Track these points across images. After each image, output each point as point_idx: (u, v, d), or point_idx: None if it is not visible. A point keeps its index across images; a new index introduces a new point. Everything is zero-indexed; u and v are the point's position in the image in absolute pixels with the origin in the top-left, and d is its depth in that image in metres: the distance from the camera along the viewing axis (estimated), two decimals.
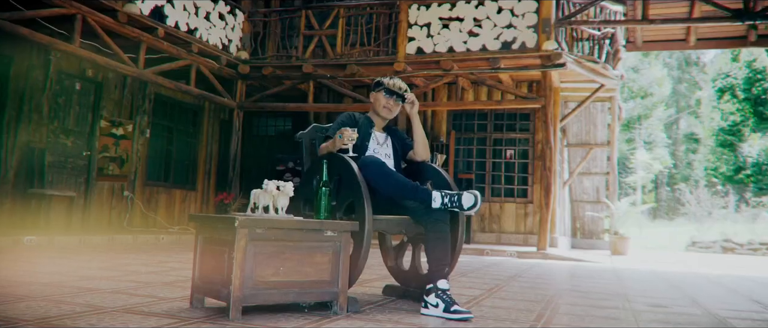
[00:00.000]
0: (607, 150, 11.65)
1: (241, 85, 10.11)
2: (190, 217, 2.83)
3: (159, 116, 9.90)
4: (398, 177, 2.98)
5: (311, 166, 3.30)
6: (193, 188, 10.71)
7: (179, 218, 10.23)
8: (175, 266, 4.63)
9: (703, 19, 7.96)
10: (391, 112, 3.40)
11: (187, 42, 8.61)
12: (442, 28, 9.06)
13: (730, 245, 13.04)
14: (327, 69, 9.66)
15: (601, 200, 12.03)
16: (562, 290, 4.25)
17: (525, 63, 8.70)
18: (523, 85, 10.30)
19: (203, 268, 2.70)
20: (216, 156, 11.21)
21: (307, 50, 9.76)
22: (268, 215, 2.65)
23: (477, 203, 2.89)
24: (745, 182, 26.01)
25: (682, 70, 35.63)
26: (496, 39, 8.77)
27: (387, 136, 3.46)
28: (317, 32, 9.77)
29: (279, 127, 12.23)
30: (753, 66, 25.49)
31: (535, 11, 8.59)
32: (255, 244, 2.50)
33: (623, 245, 10.38)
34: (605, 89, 9.97)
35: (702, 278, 5.98)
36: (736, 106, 25.98)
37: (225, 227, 2.54)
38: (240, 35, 9.90)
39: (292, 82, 10.01)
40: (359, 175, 2.89)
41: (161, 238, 7.86)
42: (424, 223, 3.04)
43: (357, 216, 2.87)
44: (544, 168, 8.54)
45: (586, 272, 6.12)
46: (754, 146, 25.97)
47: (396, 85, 3.40)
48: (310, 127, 3.48)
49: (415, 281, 3.35)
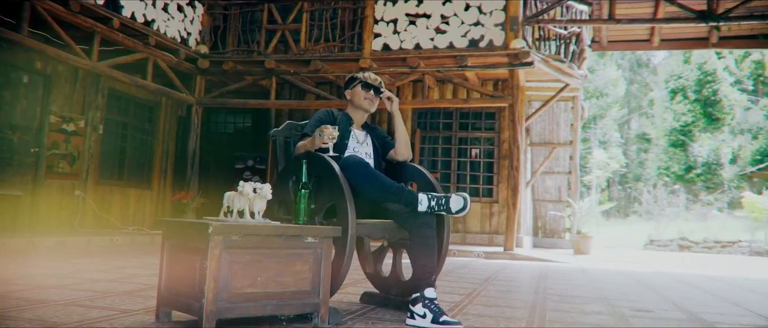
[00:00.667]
0: (569, 149, 11.70)
1: (200, 81, 9.75)
2: (156, 221, 2.58)
3: (113, 112, 9.45)
4: (383, 179, 2.79)
5: (286, 166, 3.08)
6: (149, 187, 10.29)
7: (134, 218, 9.80)
8: (135, 271, 4.33)
9: (669, 20, 8.01)
10: (373, 104, 3.24)
11: (143, 34, 8.22)
12: (408, 25, 8.90)
13: (686, 243, 13.30)
14: (290, 65, 9.39)
15: (562, 199, 12.09)
16: (542, 294, 4.13)
17: (492, 61, 8.61)
18: (488, 83, 10.22)
19: (171, 278, 2.45)
20: (173, 154, 10.80)
21: (270, 45, 9.47)
22: (244, 220, 2.42)
23: (466, 206, 2.72)
24: (695, 181, 26.75)
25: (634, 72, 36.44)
26: (463, 36, 8.66)
27: (367, 135, 3.28)
28: (280, 27, 9.49)
29: (238, 124, 11.89)
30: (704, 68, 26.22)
31: (503, 9, 8.51)
32: (230, 252, 2.28)
33: (586, 245, 10.42)
34: (569, 89, 9.99)
35: (672, 279, 5.97)
36: (687, 107, 26.68)
37: (197, 233, 2.31)
38: (199, 28, 9.54)
39: (254, 78, 9.69)
40: (341, 176, 2.69)
41: (116, 239, 7.47)
42: (408, 227, 2.86)
43: (339, 220, 2.67)
44: (512, 167, 8.47)
45: (558, 274, 6.05)
46: (704, 146, 26.73)
47: (372, 78, 3.25)
48: (284, 125, 3.26)
49: (397, 288, 3.17)
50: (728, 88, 26.63)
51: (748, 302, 4.23)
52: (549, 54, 8.83)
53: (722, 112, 26.60)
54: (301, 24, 9.36)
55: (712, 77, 26.10)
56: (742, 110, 27.86)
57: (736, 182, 27.29)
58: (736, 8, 7.73)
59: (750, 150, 27.47)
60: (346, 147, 3.12)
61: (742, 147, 27.76)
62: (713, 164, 26.44)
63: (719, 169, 26.53)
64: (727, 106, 26.57)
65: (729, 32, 7.86)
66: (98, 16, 7.52)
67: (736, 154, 27.48)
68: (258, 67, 9.50)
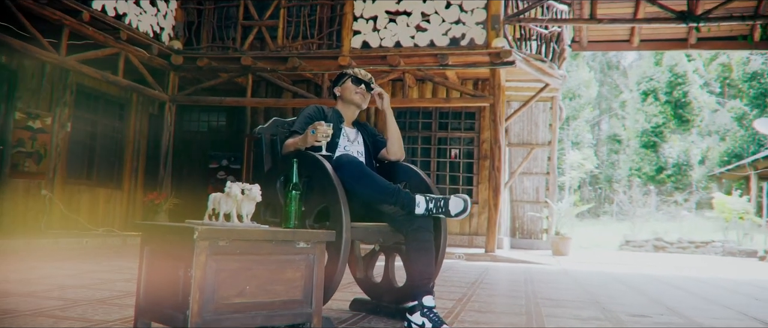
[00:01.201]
0: (547, 150, 11.67)
1: (173, 77, 9.46)
2: (135, 225, 2.38)
3: (82, 109, 9.10)
4: (378, 179, 2.63)
5: (274, 165, 2.90)
6: (119, 187, 9.96)
7: (104, 219, 9.48)
8: (107, 277, 4.10)
9: (649, 20, 8.00)
10: (364, 99, 3.10)
11: (114, 28, 7.92)
12: (388, 22, 8.75)
13: (661, 244, 13.40)
14: (267, 62, 9.17)
15: (540, 200, 12.06)
16: (533, 299, 4.01)
17: (474, 60, 8.51)
18: (468, 82, 10.13)
19: (151, 287, 2.26)
20: (144, 153, 10.48)
21: (246, 42, 9.23)
22: (232, 224, 2.24)
23: (467, 208, 2.58)
24: (665, 181, 27.13)
25: (605, 74, 36.88)
26: (444, 35, 8.54)
27: (357, 132, 3.12)
28: (257, 23, 9.25)
29: (212, 122, 11.60)
30: (674, 70, 26.60)
31: (484, 7, 8.42)
32: (217, 259, 2.10)
33: (565, 246, 10.40)
34: (549, 89, 9.95)
35: (657, 281, 5.93)
36: (658, 108, 27.04)
37: (180, 238, 2.12)
38: (173, 23, 9.25)
39: (230, 75, 9.44)
40: (334, 176, 2.53)
41: (85, 241, 7.17)
42: (404, 231, 2.70)
43: (332, 224, 2.50)
44: (493, 168, 8.38)
45: (543, 277, 5.96)
46: (675, 147, 27.12)
47: (362, 73, 3.11)
48: (270, 121, 3.08)
49: (389, 295, 3.01)
50: (698, 90, 27.06)
51: (738, 304, 4.18)
52: (530, 53, 8.76)
53: (692, 114, 27.03)
54: (279, 20, 9.14)
55: (683, 79, 26.50)
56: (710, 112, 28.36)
57: (703, 183, 27.77)
58: (716, 9, 7.75)
59: (718, 151, 27.98)
60: (337, 145, 2.96)
61: (710, 148, 28.27)
62: (683, 165, 26.84)
63: (689, 170, 26.95)
64: (696, 108, 27.00)
65: (708, 33, 7.89)
66: (67, 8, 7.21)
67: (705, 155, 27.97)
68: (234, 64, 9.25)
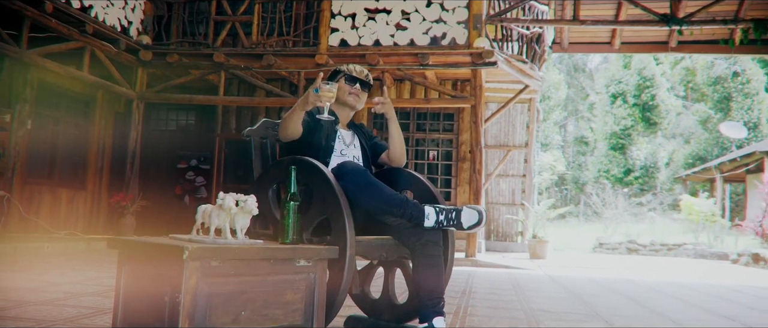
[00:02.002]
0: (524, 152, 11.57)
1: (142, 74, 9.05)
2: (110, 242, 2.09)
3: (43, 105, 8.62)
4: (384, 189, 2.38)
5: (265, 172, 2.63)
6: (83, 188, 9.50)
7: (66, 222, 9.02)
8: (73, 290, 3.76)
9: (633, 22, 7.93)
10: (359, 99, 2.83)
11: (80, 21, 7.50)
12: (367, 20, 8.51)
13: (634, 246, 13.42)
14: (240, 59, 8.83)
15: (516, 202, 11.95)
16: (530, 311, 3.81)
17: (455, 60, 8.32)
18: (447, 83, 9.94)
19: (130, 313, 1.98)
20: (109, 152, 10.01)
21: (219, 38, 8.89)
22: (225, 241, 1.97)
23: (481, 221, 2.35)
24: (633, 183, 27.45)
25: (571, 76, 37.25)
26: (425, 34, 8.33)
27: (353, 135, 2.87)
28: (230, 18, 8.91)
29: (181, 121, 11.16)
30: (643, 73, 26.93)
31: (466, 6, 8.23)
32: (209, 282, 1.83)
33: (542, 249, 10.29)
34: (528, 91, 9.81)
35: (647, 288, 5.80)
36: (627, 111, 27.34)
37: (166, 257, 1.84)
38: (141, 17, 8.85)
39: (201, 73, 9.07)
40: (336, 185, 2.27)
41: (46, 246, 6.75)
42: (411, 245, 2.47)
43: (334, 238, 2.25)
44: (474, 170, 8.20)
45: (530, 284, 5.78)
46: (642, 150, 27.47)
47: (358, 71, 2.84)
48: (260, 123, 2.81)
49: (389, 313, 2.77)
50: (665, 93, 27.45)
51: (742, 316, 4.04)
52: (511, 54, 8.61)
53: (659, 117, 27.40)
54: (253, 16, 8.82)
55: (651, 82, 26.84)
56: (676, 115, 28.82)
57: (668, 185, 28.20)
58: (699, 12, 7.70)
59: (683, 154, 28.45)
60: (333, 149, 2.71)
61: (675, 151, 28.73)
62: (650, 167, 27.20)
63: (656, 172, 27.31)
64: (663, 111, 27.38)
65: (691, 37, 7.85)
66: None
67: (671, 157, 28.40)
68: (205, 61, 8.89)
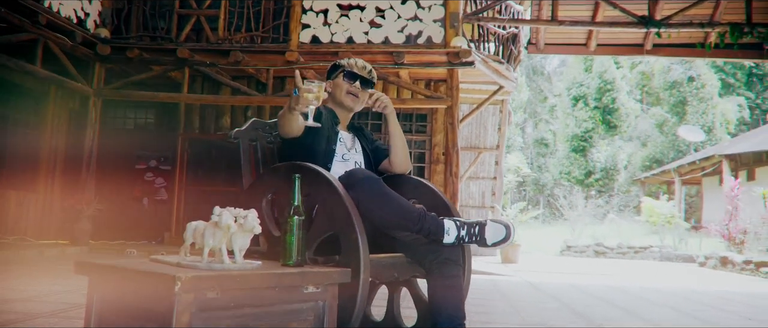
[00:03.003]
0: (495, 154, 11.42)
1: (99, 69, 8.50)
2: (78, 266, 1.73)
3: None
4: (402, 201, 2.08)
5: (258, 179, 2.30)
6: (33, 190, 8.90)
7: (15, 226, 8.42)
8: (27, 308, 3.33)
9: (611, 24, 7.81)
10: (357, 100, 2.52)
11: (32, 11, 6.94)
12: (340, 17, 8.17)
13: (601, 249, 13.44)
14: (206, 55, 8.38)
15: (486, 205, 11.80)
16: (529, 323, 3.57)
17: (431, 59, 8.06)
18: (420, 83, 9.67)
19: None
20: (63, 152, 9.42)
21: (182, 32, 8.42)
22: (222, 267, 1.64)
23: (509, 236, 2.07)
24: (594, 185, 27.78)
25: (530, 78, 37.61)
26: (400, 32, 8.05)
27: (354, 138, 2.56)
28: (195, 12, 8.46)
29: (140, 119, 10.62)
30: (604, 77, 27.27)
31: (443, 4, 7.98)
32: (205, 316, 1.50)
33: (514, 253, 10.16)
34: (501, 92, 9.64)
35: (634, 297, 5.64)
36: (588, 113, 27.65)
37: (151, 288, 1.51)
38: (99, 9, 8.32)
39: (164, 69, 8.59)
40: (346, 196, 1.96)
41: None
42: (427, 263, 2.18)
43: (344, 258, 1.94)
44: (450, 174, 7.96)
45: (515, 291, 5.56)
46: (603, 152, 27.82)
47: (359, 66, 2.52)
48: (248, 123, 2.47)
49: None
50: (625, 96, 27.86)
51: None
52: (488, 54, 8.41)
53: (619, 120, 27.79)
54: (220, 10, 8.38)
55: (612, 86, 27.20)
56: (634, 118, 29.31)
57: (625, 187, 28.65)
58: (676, 15, 7.63)
59: (640, 156, 28.95)
60: (333, 153, 2.39)
61: (633, 153, 29.22)
62: (611, 170, 27.56)
63: (616, 174, 27.69)
64: (623, 114, 27.79)
65: (669, 39, 7.78)
66: None
67: (628, 160, 28.86)
68: (168, 57, 8.41)
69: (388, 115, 2.51)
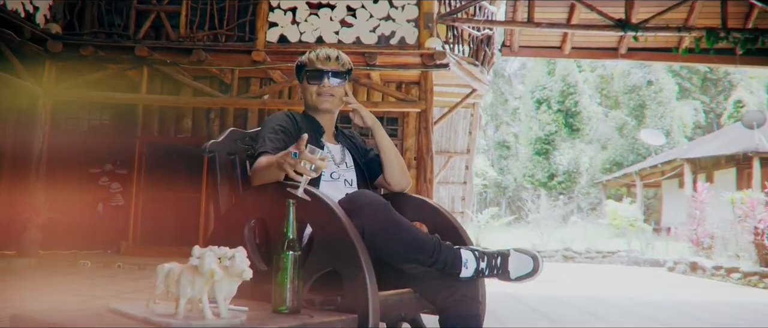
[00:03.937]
0: (465, 158, 11.21)
1: (50, 68, 7.95)
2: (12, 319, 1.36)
3: None
4: (414, 230, 1.75)
5: (239, 202, 1.95)
6: None
7: None
8: None
9: (588, 27, 7.66)
10: (333, 97, 2.16)
11: None
12: (309, 15, 7.82)
13: (570, 254, 13.37)
14: (166, 53, 7.91)
15: (456, 211, 11.58)
16: None
17: (404, 61, 7.76)
18: (391, 85, 9.36)
19: None
20: (10, 156, 8.79)
21: (141, 29, 7.94)
22: (202, 324, 1.29)
23: (536, 270, 1.78)
24: (557, 187, 27.96)
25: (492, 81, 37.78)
26: (372, 32, 7.74)
27: (343, 149, 2.21)
28: (155, 8, 7.99)
29: (94, 121, 10.01)
30: (566, 80, 27.48)
31: (416, 4, 7.71)
32: None
33: None
34: (474, 95, 9.42)
35: (625, 312, 5.45)
36: (551, 116, 27.83)
37: None
38: (50, 3, 7.78)
39: (121, 67, 8.08)
40: (350, 226, 1.63)
41: None
42: (440, 301, 1.87)
43: (348, 300, 1.61)
44: (425, 180, 7.69)
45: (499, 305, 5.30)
46: (565, 155, 28.04)
47: (322, 58, 2.14)
48: (226, 133, 2.12)
49: None
50: (587, 99, 28.13)
51: None
52: (462, 56, 8.17)
53: (582, 123, 28.05)
54: (181, 6, 7.94)
55: (574, 89, 27.43)
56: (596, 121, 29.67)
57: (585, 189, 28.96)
58: (652, 19, 7.53)
59: (601, 159, 29.31)
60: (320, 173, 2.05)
61: (594, 156, 29.56)
62: (573, 172, 27.78)
63: (578, 177, 27.93)
64: (585, 118, 28.06)
65: (645, 43, 7.66)
66: None
67: (590, 162, 29.18)
68: (125, 55, 7.90)
69: (373, 127, 2.18)
